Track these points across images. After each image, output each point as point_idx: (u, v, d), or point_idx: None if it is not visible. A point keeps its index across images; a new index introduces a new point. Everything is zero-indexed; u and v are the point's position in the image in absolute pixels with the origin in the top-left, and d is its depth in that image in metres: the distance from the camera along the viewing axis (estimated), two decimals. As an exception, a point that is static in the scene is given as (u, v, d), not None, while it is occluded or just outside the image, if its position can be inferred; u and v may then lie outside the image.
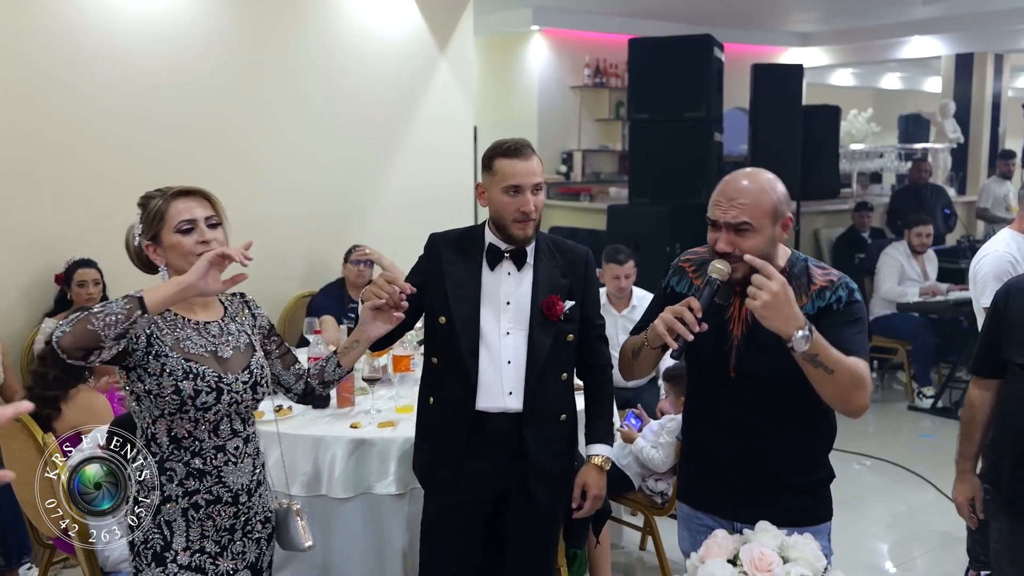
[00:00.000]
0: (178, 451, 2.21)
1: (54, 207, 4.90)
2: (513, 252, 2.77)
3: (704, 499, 2.47)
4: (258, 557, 2.39)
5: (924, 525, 4.86)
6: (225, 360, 2.27)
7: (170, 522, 2.22)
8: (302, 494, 3.37)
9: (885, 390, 7.47)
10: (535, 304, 2.76)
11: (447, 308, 2.75)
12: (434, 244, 2.86)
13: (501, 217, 2.72)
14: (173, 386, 2.14)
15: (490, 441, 2.77)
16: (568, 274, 2.82)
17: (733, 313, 2.31)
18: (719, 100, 6.97)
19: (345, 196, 6.08)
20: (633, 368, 2.48)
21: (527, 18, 9.30)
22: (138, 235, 2.28)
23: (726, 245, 2.22)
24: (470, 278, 2.77)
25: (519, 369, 2.75)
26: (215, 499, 2.26)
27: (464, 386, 2.74)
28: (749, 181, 2.25)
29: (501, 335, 2.75)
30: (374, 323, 2.45)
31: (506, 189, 2.69)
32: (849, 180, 10.28)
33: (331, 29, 5.96)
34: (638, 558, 4.44)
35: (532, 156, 2.72)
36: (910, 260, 7.15)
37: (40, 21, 4.85)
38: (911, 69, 16.01)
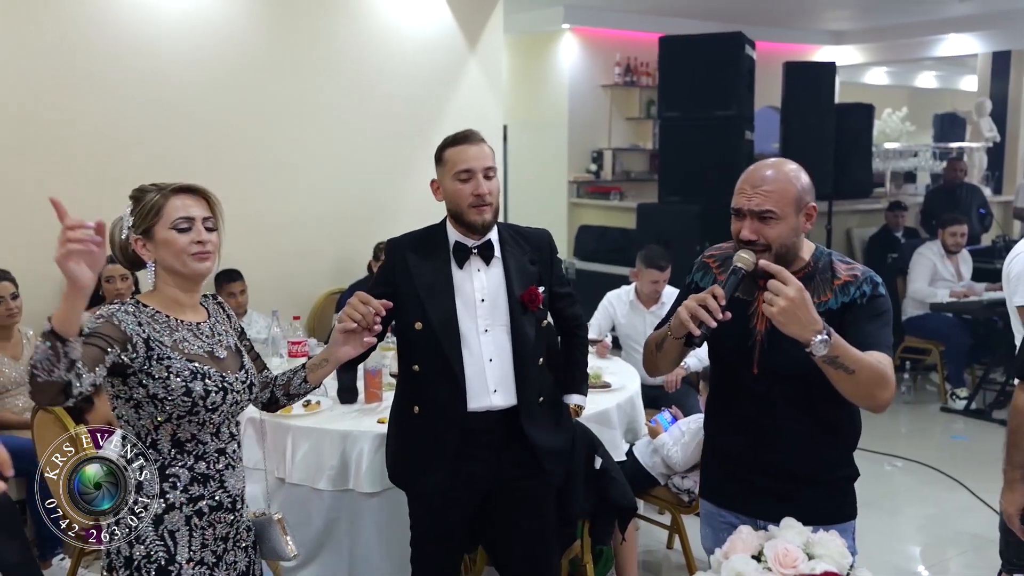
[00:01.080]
0: (181, 455, 2.12)
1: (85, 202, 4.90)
2: (480, 248, 2.74)
3: (727, 497, 2.45)
4: (248, 566, 2.31)
5: (956, 527, 4.80)
6: (221, 360, 2.20)
7: (174, 532, 2.11)
8: (329, 488, 3.40)
9: (918, 391, 7.39)
10: (512, 297, 2.73)
11: (422, 313, 2.69)
12: (396, 248, 2.80)
13: (457, 205, 2.69)
14: (183, 387, 2.07)
15: (478, 441, 2.75)
16: (536, 260, 2.81)
17: (756, 309, 2.29)
18: (750, 99, 6.93)
19: (374, 194, 6.11)
20: (657, 361, 2.46)
21: (558, 16, 9.28)
22: (127, 228, 2.16)
23: (751, 233, 2.20)
24: (441, 279, 2.72)
25: (503, 366, 2.73)
26: (217, 505, 2.18)
27: (453, 390, 2.69)
28: (773, 170, 2.24)
29: (480, 333, 2.72)
30: (344, 345, 2.32)
31: (457, 175, 2.67)
32: (882, 179, 10.18)
33: (361, 28, 5.99)
34: (664, 556, 4.42)
35: (481, 142, 2.73)
36: (943, 260, 7.06)
37: (71, 18, 4.92)
38: (947, 67, 15.81)
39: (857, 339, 2.14)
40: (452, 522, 2.84)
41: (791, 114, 7.27)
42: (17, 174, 4.78)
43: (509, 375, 2.74)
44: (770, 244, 2.21)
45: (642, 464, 3.91)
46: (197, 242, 2.12)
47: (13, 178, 4.77)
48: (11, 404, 4.32)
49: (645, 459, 3.93)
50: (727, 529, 2.37)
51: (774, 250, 2.21)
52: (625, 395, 3.97)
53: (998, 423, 6.39)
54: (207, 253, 2.14)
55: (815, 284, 2.22)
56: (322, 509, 3.48)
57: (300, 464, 3.44)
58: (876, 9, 10.19)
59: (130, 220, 2.16)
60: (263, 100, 5.59)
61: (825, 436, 2.33)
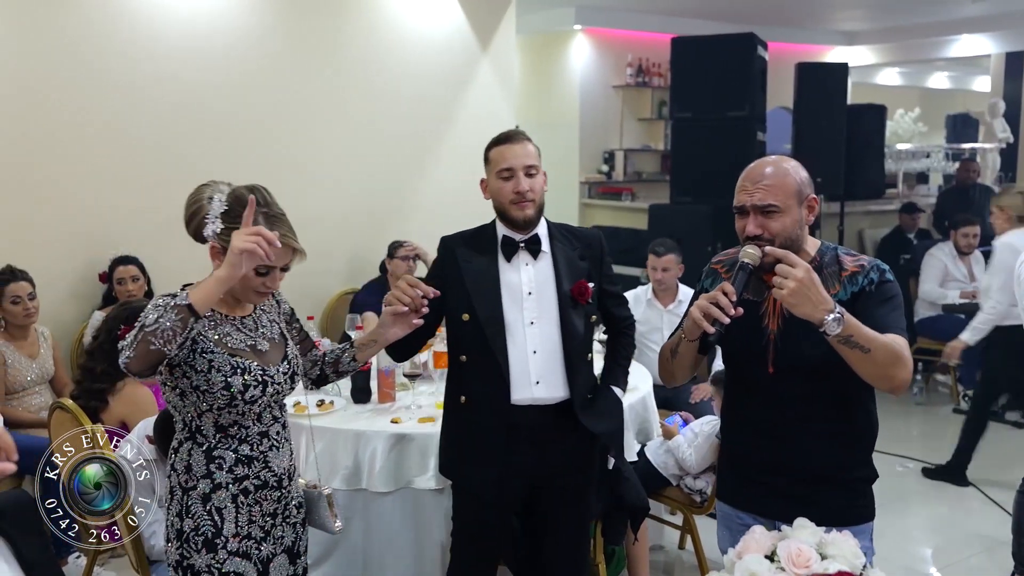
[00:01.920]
0: (225, 439, 2.26)
1: (104, 202, 5.00)
2: (527, 242, 2.80)
3: (744, 498, 2.46)
4: (294, 541, 2.44)
5: (968, 529, 4.80)
6: (264, 353, 2.31)
7: (220, 509, 2.26)
8: (343, 488, 3.41)
9: (930, 392, 7.37)
10: (561, 291, 2.78)
11: (470, 305, 2.76)
12: (447, 245, 2.89)
13: (500, 202, 2.78)
14: (223, 382, 2.18)
15: (522, 435, 2.78)
16: (586, 256, 2.86)
17: (767, 308, 2.31)
18: (762, 99, 6.93)
19: (387, 193, 6.13)
20: (673, 368, 2.47)
21: (570, 17, 9.29)
22: (213, 228, 2.19)
23: (756, 227, 2.23)
24: (488, 273, 2.79)
25: (547, 358, 2.77)
26: (263, 484, 2.31)
27: (497, 382, 2.75)
28: (772, 166, 2.29)
29: (525, 325, 2.77)
30: (393, 326, 2.48)
31: (500, 173, 2.76)
32: (895, 180, 10.16)
33: (374, 28, 6.01)
34: (677, 557, 4.43)
35: (524, 141, 2.80)
36: (955, 261, 7.04)
37: (89, 20, 4.96)
38: (959, 68, 15.76)
39: (870, 324, 2.15)
40: (495, 516, 2.87)
41: (803, 115, 7.27)
42: (34, 174, 4.82)
43: (555, 368, 2.78)
44: (775, 237, 2.23)
45: (654, 465, 3.92)
46: (267, 285, 2.24)
47: (30, 178, 4.81)
48: (28, 403, 4.36)
49: (657, 459, 3.94)
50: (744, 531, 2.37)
51: (778, 243, 2.23)
52: (637, 396, 3.97)
53: (1010, 424, 6.39)
54: (269, 294, 2.30)
55: (823, 278, 2.22)
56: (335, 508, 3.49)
57: (314, 464, 3.46)
58: (888, 9, 10.16)
59: (218, 225, 2.19)
60: (276, 100, 5.62)
61: (842, 436, 2.33)
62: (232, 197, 2.21)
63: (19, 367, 4.33)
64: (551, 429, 2.79)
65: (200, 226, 2.21)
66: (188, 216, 2.25)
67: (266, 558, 2.35)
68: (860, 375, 2.16)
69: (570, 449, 2.83)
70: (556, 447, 2.81)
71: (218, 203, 2.20)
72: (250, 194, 2.19)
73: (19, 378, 4.33)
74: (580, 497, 2.93)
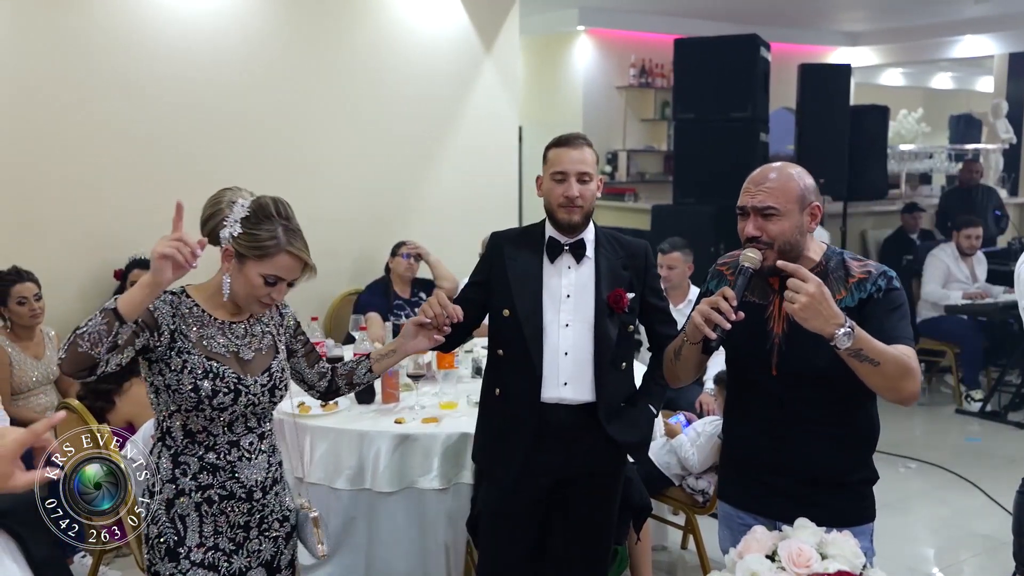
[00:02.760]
0: (192, 445, 2.23)
1: (114, 203, 5.03)
2: (572, 245, 2.83)
3: (746, 499, 2.47)
4: (274, 555, 2.39)
5: (970, 529, 4.81)
6: (246, 362, 2.27)
7: (183, 517, 2.23)
8: (347, 488, 3.44)
9: (933, 393, 7.38)
10: (599, 296, 2.81)
11: (511, 302, 2.81)
12: (496, 242, 2.94)
13: (549, 203, 2.81)
14: (192, 384, 2.16)
15: (546, 431, 2.81)
16: (629, 266, 2.88)
17: (773, 312, 2.33)
18: (765, 100, 6.94)
19: (392, 194, 6.15)
20: (676, 370, 2.49)
21: (573, 18, 9.31)
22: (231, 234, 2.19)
23: (753, 229, 2.26)
24: (531, 271, 2.83)
25: (578, 361, 2.80)
26: (228, 495, 2.26)
27: (529, 378, 2.79)
28: (776, 171, 2.31)
29: (560, 327, 2.81)
30: (415, 339, 2.51)
31: (553, 175, 2.79)
32: (898, 181, 10.16)
33: (379, 30, 6.03)
34: (679, 557, 4.44)
35: (583, 147, 2.80)
36: (958, 262, 7.05)
37: (101, 21, 4.98)
38: (963, 68, 15.74)
39: (878, 333, 2.16)
40: (519, 508, 2.89)
41: (806, 116, 7.28)
42: (41, 174, 4.84)
43: (585, 371, 2.81)
44: (773, 240, 2.25)
45: (656, 465, 3.94)
46: (272, 296, 2.23)
47: (37, 178, 4.82)
48: (33, 403, 4.38)
49: (660, 460, 3.95)
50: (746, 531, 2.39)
51: (776, 246, 2.25)
52: (640, 396, 3.99)
53: (1013, 425, 6.39)
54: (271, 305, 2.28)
55: (829, 283, 2.23)
56: (340, 508, 3.52)
57: (318, 464, 3.48)
58: (892, 10, 10.17)
59: (236, 229, 2.19)
60: (283, 101, 5.64)
61: (844, 438, 2.35)
62: (256, 204, 2.21)
63: (25, 367, 4.36)
64: (577, 429, 2.82)
65: (217, 227, 2.21)
66: (206, 216, 2.24)
67: (237, 571, 2.30)
68: (868, 385, 2.17)
69: (595, 451, 2.86)
70: (581, 447, 2.84)
71: (240, 208, 2.20)
72: (273, 204, 2.21)
73: (24, 378, 4.35)
74: (604, 498, 2.95)
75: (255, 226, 2.19)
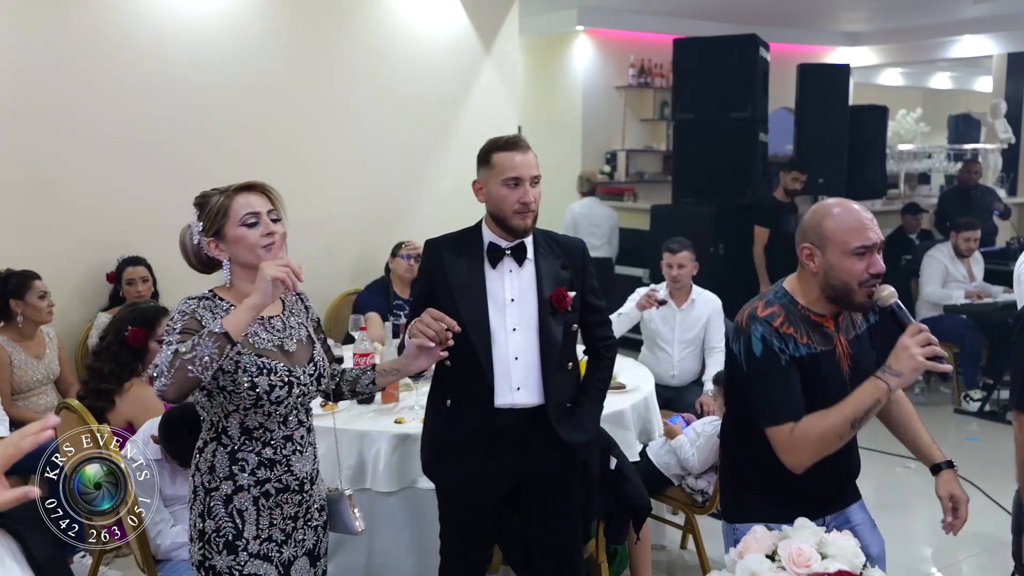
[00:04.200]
0: (250, 442, 2.28)
1: (110, 204, 5.02)
2: (514, 249, 2.80)
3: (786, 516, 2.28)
4: (315, 544, 2.46)
5: (969, 529, 4.72)
6: (292, 354, 2.33)
7: (242, 511, 2.29)
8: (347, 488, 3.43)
9: (932, 393, 7.38)
10: (542, 298, 2.78)
11: (455, 310, 2.74)
12: (433, 249, 2.89)
13: (501, 210, 2.75)
14: (249, 382, 2.21)
15: (499, 437, 2.79)
16: (568, 265, 2.86)
17: (840, 353, 2.32)
18: (764, 100, 6.95)
19: (391, 195, 6.15)
20: (841, 442, 2.27)
21: (572, 18, 9.31)
22: (198, 233, 2.30)
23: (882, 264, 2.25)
24: (474, 278, 2.79)
25: (528, 364, 2.78)
26: (284, 487, 2.33)
27: (482, 387, 2.76)
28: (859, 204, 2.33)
29: (508, 332, 2.78)
30: (418, 359, 2.50)
31: (506, 181, 2.73)
32: (897, 181, 10.17)
33: (378, 30, 6.03)
34: (679, 556, 4.45)
35: (528, 149, 2.78)
36: (954, 262, 7.05)
37: (99, 23, 4.98)
38: (962, 68, 15.75)
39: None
40: (477, 517, 2.89)
41: (805, 116, 7.29)
42: (39, 176, 4.84)
43: (534, 374, 2.78)
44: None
45: (655, 465, 3.94)
46: (268, 234, 2.27)
47: (36, 180, 4.82)
48: (34, 403, 4.38)
49: (659, 459, 3.95)
50: None
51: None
52: (639, 396, 3.99)
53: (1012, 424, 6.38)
54: (275, 243, 2.29)
55: None
56: (340, 508, 3.51)
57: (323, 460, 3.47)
58: (891, 10, 10.17)
59: (199, 225, 2.29)
60: (281, 103, 5.64)
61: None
62: (198, 201, 2.33)
63: (25, 368, 4.36)
64: (531, 432, 2.80)
65: (198, 247, 2.32)
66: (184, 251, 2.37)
67: (287, 561, 2.37)
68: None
69: (546, 453, 2.83)
70: (535, 449, 2.82)
71: (193, 219, 2.32)
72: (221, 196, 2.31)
73: (25, 379, 4.35)
74: (564, 497, 2.93)
75: (205, 207, 2.30)
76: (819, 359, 2.23)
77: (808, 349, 2.26)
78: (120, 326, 3.70)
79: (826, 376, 2.20)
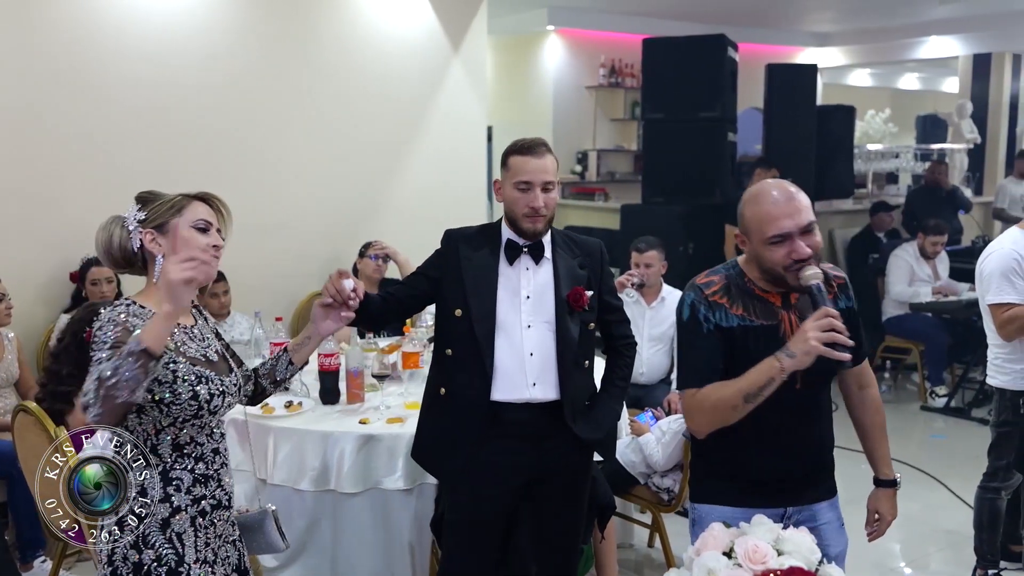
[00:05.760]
0: (182, 459, 2.16)
1: (73, 204, 4.95)
2: (531, 247, 2.84)
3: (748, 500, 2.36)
4: (239, 559, 2.34)
5: (935, 524, 4.85)
6: (215, 363, 2.24)
7: (180, 534, 2.15)
8: (311, 489, 3.41)
9: (898, 390, 7.46)
10: (559, 296, 2.82)
11: (464, 302, 2.81)
12: (451, 240, 2.93)
13: (513, 212, 2.81)
14: (190, 392, 2.10)
15: (512, 432, 2.81)
16: (586, 265, 2.90)
17: (785, 329, 2.30)
18: (733, 100, 6.98)
19: (360, 195, 6.12)
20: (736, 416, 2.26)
21: (543, 18, 9.32)
22: (135, 222, 2.18)
23: (806, 249, 2.23)
24: (488, 272, 2.83)
25: (544, 360, 2.81)
26: (217, 504, 2.24)
27: (480, 377, 2.79)
28: (792, 187, 2.29)
29: (522, 328, 2.81)
30: (324, 320, 2.45)
31: (517, 184, 2.78)
32: (865, 180, 10.25)
33: (346, 30, 6.00)
34: (646, 555, 4.45)
35: (545, 155, 2.80)
36: (919, 262, 7.12)
37: (60, 21, 4.92)
38: (929, 69, 15.92)
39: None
40: (489, 510, 2.88)
41: (774, 115, 7.32)
42: (3, 175, 4.76)
43: (550, 371, 2.82)
44: (816, 254, 2.27)
45: (622, 464, 3.94)
46: (213, 246, 2.17)
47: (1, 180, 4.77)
48: (-7, 406, 4.32)
49: (625, 459, 3.95)
50: None
51: (817, 257, 2.28)
52: (606, 395, 3.99)
53: (977, 422, 6.46)
54: (218, 257, 2.18)
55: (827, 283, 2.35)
56: (304, 510, 3.49)
57: (282, 465, 3.45)
58: (858, 11, 10.26)
59: (139, 215, 2.17)
60: (248, 102, 5.59)
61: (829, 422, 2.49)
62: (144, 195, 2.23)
63: (-17, 370, 4.29)
64: (546, 428, 2.83)
65: (124, 241, 2.19)
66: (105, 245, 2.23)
67: None
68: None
69: (562, 450, 2.86)
70: (548, 446, 2.85)
71: (130, 210, 2.20)
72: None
73: (-17, 381, 4.29)
74: (573, 497, 2.96)
75: (152, 201, 2.20)
76: (754, 332, 2.23)
77: (741, 321, 2.28)
78: (78, 327, 3.63)
79: (761, 350, 2.18)
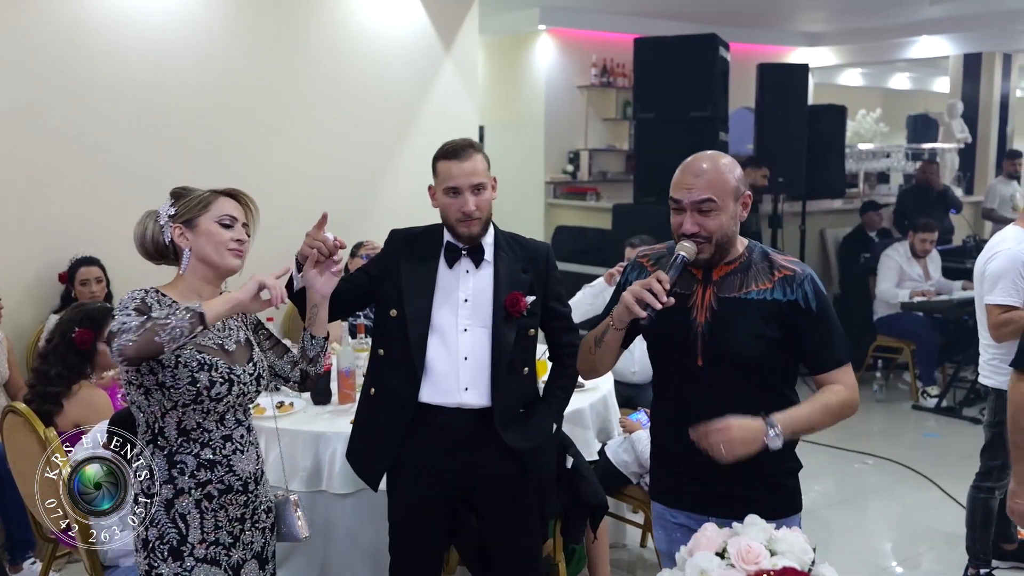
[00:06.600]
0: (187, 443, 2.25)
1: (63, 205, 4.94)
2: (470, 250, 2.78)
3: (675, 496, 2.43)
4: (263, 546, 2.43)
5: (927, 524, 4.86)
6: (231, 353, 2.31)
7: (184, 515, 2.25)
8: (302, 489, 3.39)
9: (890, 389, 7.47)
10: (497, 301, 2.76)
11: (399, 302, 2.76)
12: (394, 239, 2.90)
13: (446, 217, 2.77)
14: (189, 377, 2.19)
15: (445, 436, 2.77)
16: (529, 269, 2.83)
17: (696, 301, 2.31)
18: (725, 100, 6.97)
19: (352, 195, 6.11)
20: (594, 360, 2.41)
21: (534, 18, 9.30)
22: (167, 216, 2.30)
23: (692, 226, 2.24)
24: (426, 274, 2.79)
25: (478, 365, 2.75)
26: (227, 488, 2.30)
27: (408, 378, 2.74)
28: (709, 162, 2.29)
29: (458, 331, 2.76)
30: (319, 279, 2.46)
31: (446, 191, 2.74)
32: (856, 180, 10.26)
33: (337, 30, 5.98)
34: (638, 555, 4.45)
35: (472, 156, 2.74)
36: (910, 262, 7.13)
37: (52, 20, 4.90)
38: (920, 69, 15.96)
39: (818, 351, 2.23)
40: (426, 514, 2.86)
41: (765, 115, 7.33)
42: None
43: (484, 376, 2.76)
44: (711, 235, 2.24)
45: (614, 464, 3.93)
46: (236, 240, 2.31)
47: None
48: (-18, 406, 4.29)
49: (617, 458, 3.94)
50: (677, 529, 2.39)
51: (715, 240, 2.25)
52: (598, 395, 3.99)
53: (969, 421, 6.47)
54: (241, 251, 2.33)
55: (752, 273, 2.29)
56: (295, 510, 3.47)
57: (273, 465, 3.42)
58: (850, 11, 10.27)
59: (171, 210, 2.30)
60: (237, 102, 5.58)
61: None
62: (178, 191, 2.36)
63: (-25, 370, 4.27)
64: (476, 434, 2.78)
65: (156, 234, 2.32)
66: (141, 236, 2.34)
67: (236, 564, 2.34)
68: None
69: (492, 457, 2.80)
70: (477, 453, 2.80)
71: (165, 205, 2.33)
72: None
73: (-25, 381, 4.27)
74: (515, 500, 2.90)
75: (183, 197, 2.33)
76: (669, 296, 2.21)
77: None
78: (67, 327, 3.62)
79: (671, 314, 2.19)
